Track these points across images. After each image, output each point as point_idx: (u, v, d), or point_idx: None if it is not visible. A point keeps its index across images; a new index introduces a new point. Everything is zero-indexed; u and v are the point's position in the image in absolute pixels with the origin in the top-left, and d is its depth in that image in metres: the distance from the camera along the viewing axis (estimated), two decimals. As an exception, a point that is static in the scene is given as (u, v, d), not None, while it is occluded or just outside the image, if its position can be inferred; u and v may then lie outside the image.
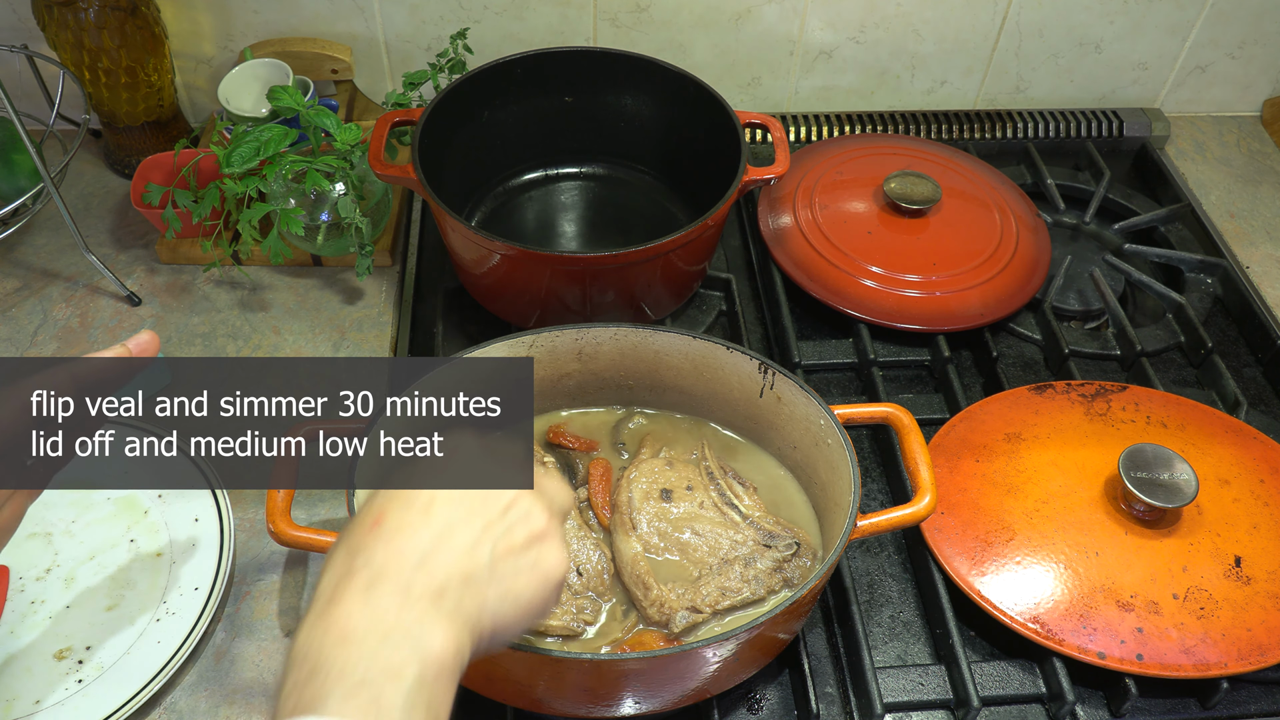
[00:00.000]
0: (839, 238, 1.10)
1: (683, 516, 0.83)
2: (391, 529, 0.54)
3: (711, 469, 0.86)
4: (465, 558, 0.54)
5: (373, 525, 0.54)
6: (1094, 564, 0.84)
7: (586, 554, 0.80)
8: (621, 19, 1.22)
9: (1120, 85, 1.35)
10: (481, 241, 0.94)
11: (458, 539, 0.54)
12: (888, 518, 0.77)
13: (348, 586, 0.51)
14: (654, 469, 0.85)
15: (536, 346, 0.86)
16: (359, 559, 0.52)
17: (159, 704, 0.79)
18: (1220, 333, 1.13)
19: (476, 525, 0.55)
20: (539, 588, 0.56)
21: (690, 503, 0.83)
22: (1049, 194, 1.24)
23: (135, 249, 1.12)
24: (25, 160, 1.08)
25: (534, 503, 0.58)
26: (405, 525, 0.54)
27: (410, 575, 0.52)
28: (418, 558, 0.52)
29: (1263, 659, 0.80)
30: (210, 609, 0.81)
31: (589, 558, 0.80)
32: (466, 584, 0.53)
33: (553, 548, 0.57)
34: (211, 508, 0.88)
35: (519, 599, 0.55)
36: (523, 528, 0.56)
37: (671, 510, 0.83)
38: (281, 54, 1.15)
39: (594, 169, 1.19)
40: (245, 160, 0.98)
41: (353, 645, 0.48)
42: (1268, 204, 1.28)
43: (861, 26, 1.25)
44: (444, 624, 0.51)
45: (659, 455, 0.87)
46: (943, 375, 1.03)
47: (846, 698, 0.82)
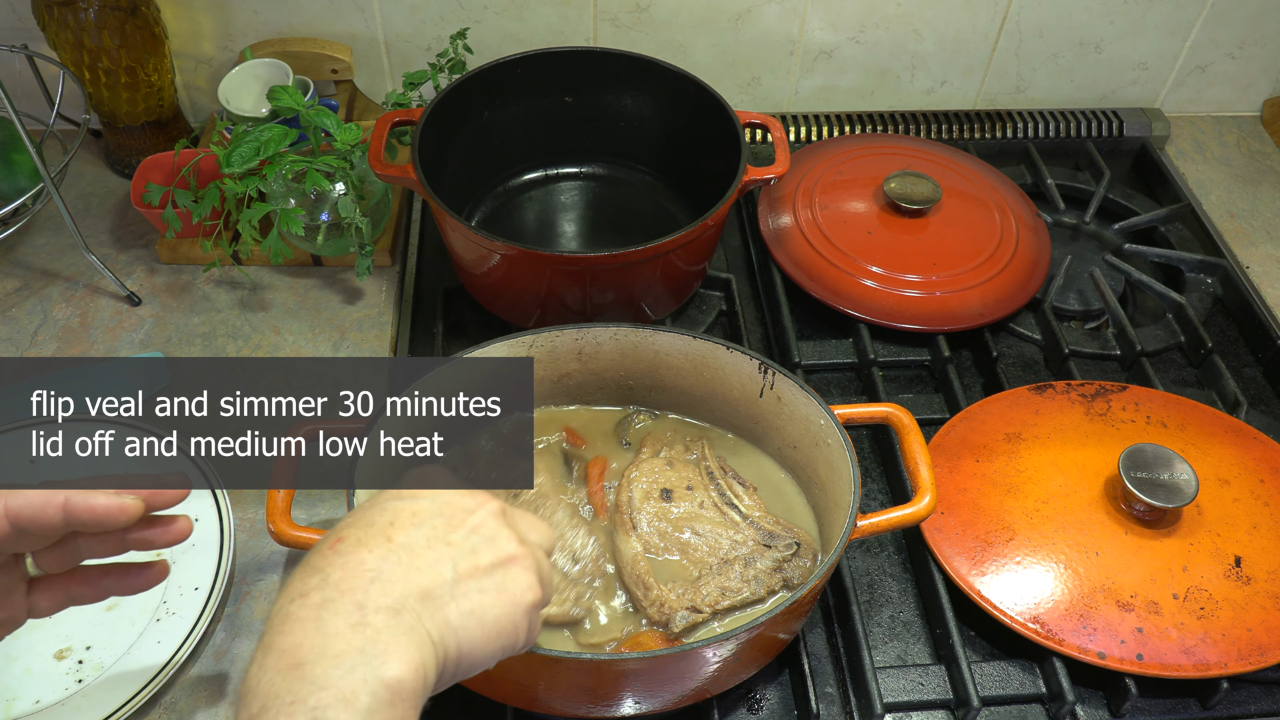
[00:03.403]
0: (839, 238, 1.10)
1: (683, 516, 0.83)
2: (349, 547, 0.52)
3: (711, 469, 0.86)
4: (424, 574, 0.52)
5: (332, 546, 0.52)
6: (1094, 564, 0.84)
7: (580, 540, 0.80)
8: (621, 19, 1.22)
9: (1120, 85, 1.35)
10: (481, 241, 0.94)
11: (419, 557, 0.52)
12: (888, 518, 0.77)
13: (300, 608, 0.49)
14: (654, 469, 0.85)
15: (536, 346, 0.86)
16: (313, 579, 0.50)
17: (159, 704, 0.79)
18: (1220, 333, 1.13)
19: (439, 545, 0.53)
20: (506, 609, 0.54)
21: (690, 502, 0.84)
22: (1049, 194, 1.24)
23: (135, 249, 1.12)
24: (25, 160, 1.08)
25: (500, 527, 0.56)
26: (363, 543, 0.52)
27: (365, 591, 0.49)
28: (373, 574, 0.50)
29: (1263, 659, 0.80)
30: (210, 609, 0.81)
31: (582, 544, 0.80)
32: (425, 600, 0.51)
33: (522, 571, 0.55)
34: (211, 508, 0.88)
35: (484, 618, 0.53)
36: (488, 550, 0.55)
37: (672, 510, 0.83)
38: (281, 54, 1.15)
39: (594, 169, 1.19)
40: (245, 160, 0.98)
41: (303, 672, 0.46)
42: (1268, 204, 1.28)
43: (861, 26, 1.25)
44: (402, 643, 0.48)
45: (659, 455, 0.87)
46: (943, 375, 1.03)
47: (846, 698, 0.82)
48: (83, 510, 0.56)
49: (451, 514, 0.56)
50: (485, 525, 0.56)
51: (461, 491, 0.58)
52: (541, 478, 0.86)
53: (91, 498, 0.56)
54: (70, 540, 0.59)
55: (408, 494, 0.57)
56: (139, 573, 0.64)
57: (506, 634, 0.54)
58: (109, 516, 0.57)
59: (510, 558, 0.55)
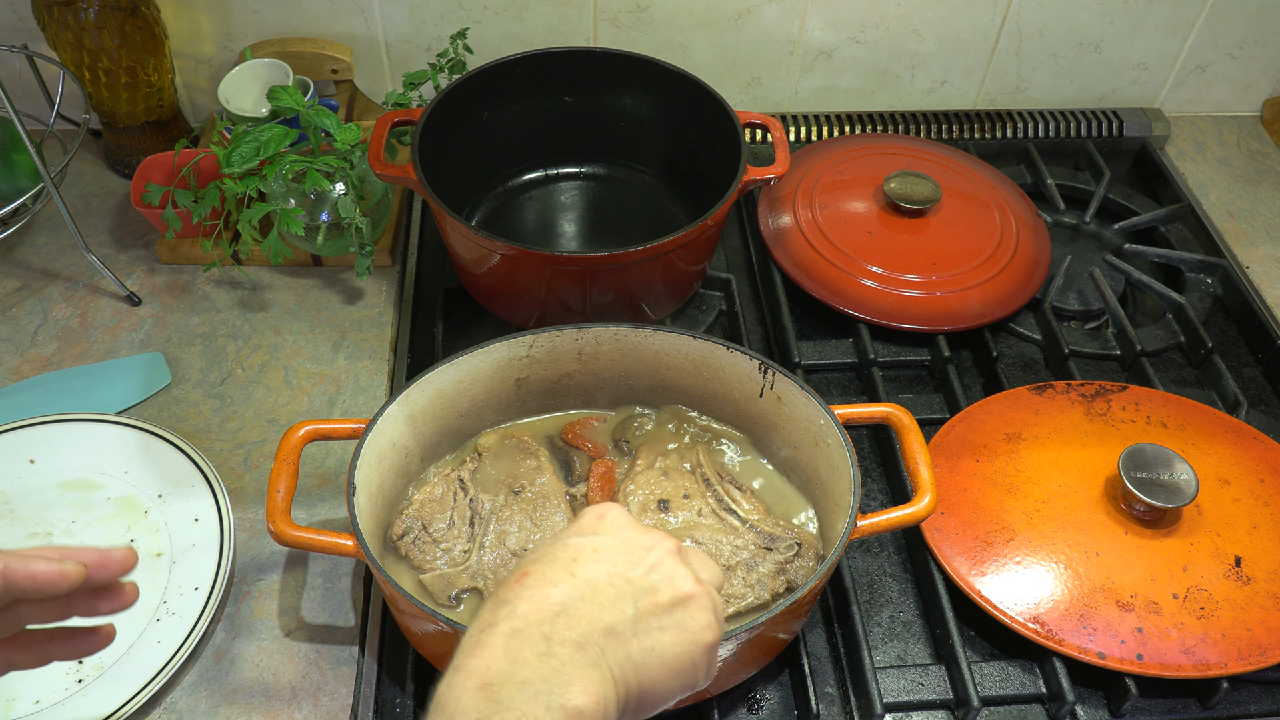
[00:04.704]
0: (839, 238, 1.10)
1: (682, 526, 0.83)
2: (535, 582, 0.54)
3: (708, 475, 0.86)
4: (608, 610, 0.53)
5: (519, 579, 0.54)
6: (1094, 564, 0.84)
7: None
8: (621, 19, 1.22)
9: (1120, 85, 1.35)
10: (481, 241, 0.94)
11: (601, 593, 0.54)
12: (888, 518, 0.77)
13: (490, 635, 0.51)
14: (650, 480, 0.85)
15: (536, 346, 0.86)
16: (503, 610, 0.52)
17: (159, 704, 0.79)
18: (1220, 333, 1.13)
19: (619, 582, 0.55)
20: (685, 646, 0.55)
21: (688, 511, 0.83)
22: (1049, 194, 1.24)
23: (135, 249, 1.12)
24: (25, 160, 1.08)
25: (678, 566, 0.58)
26: (548, 579, 0.54)
27: (551, 624, 0.51)
28: (559, 608, 0.52)
29: (1263, 659, 0.80)
30: (210, 609, 0.81)
31: None
32: (609, 636, 0.53)
33: (700, 611, 0.57)
34: (211, 508, 0.88)
35: (664, 656, 0.54)
36: (667, 588, 0.56)
37: (670, 520, 0.83)
38: (281, 54, 1.15)
39: (594, 169, 1.19)
40: (245, 160, 0.98)
41: (490, 693, 0.48)
42: (1268, 204, 1.28)
43: (861, 26, 1.25)
44: (585, 675, 0.50)
45: (654, 466, 0.87)
46: (943, 375, 1.03)
47: (846, 698, 0.82)
48: (22, 577, 0.56)
49: (631, 551, 0.57)
50: (664, 564, 0.57)
51: (639, 528, 0.59)
52: (542, 478, 0.86)
53: (31, 564, 0.56)
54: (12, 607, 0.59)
55: (588, 530, 0.58)
56: (85, 637, 0.64)
57: (685, 672, 0.56)
58: (49, 583, 0.57)
59: (688, 596, 0.56)
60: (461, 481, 0.85)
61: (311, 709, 0.79)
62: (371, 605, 0.85)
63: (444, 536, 0.81)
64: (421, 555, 0.80)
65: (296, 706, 0.79)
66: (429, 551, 0.81)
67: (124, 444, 0.92)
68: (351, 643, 0.83)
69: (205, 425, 0.97)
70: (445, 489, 0.84)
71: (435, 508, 0.83)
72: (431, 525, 0.82)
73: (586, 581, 0.54)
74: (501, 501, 0.84)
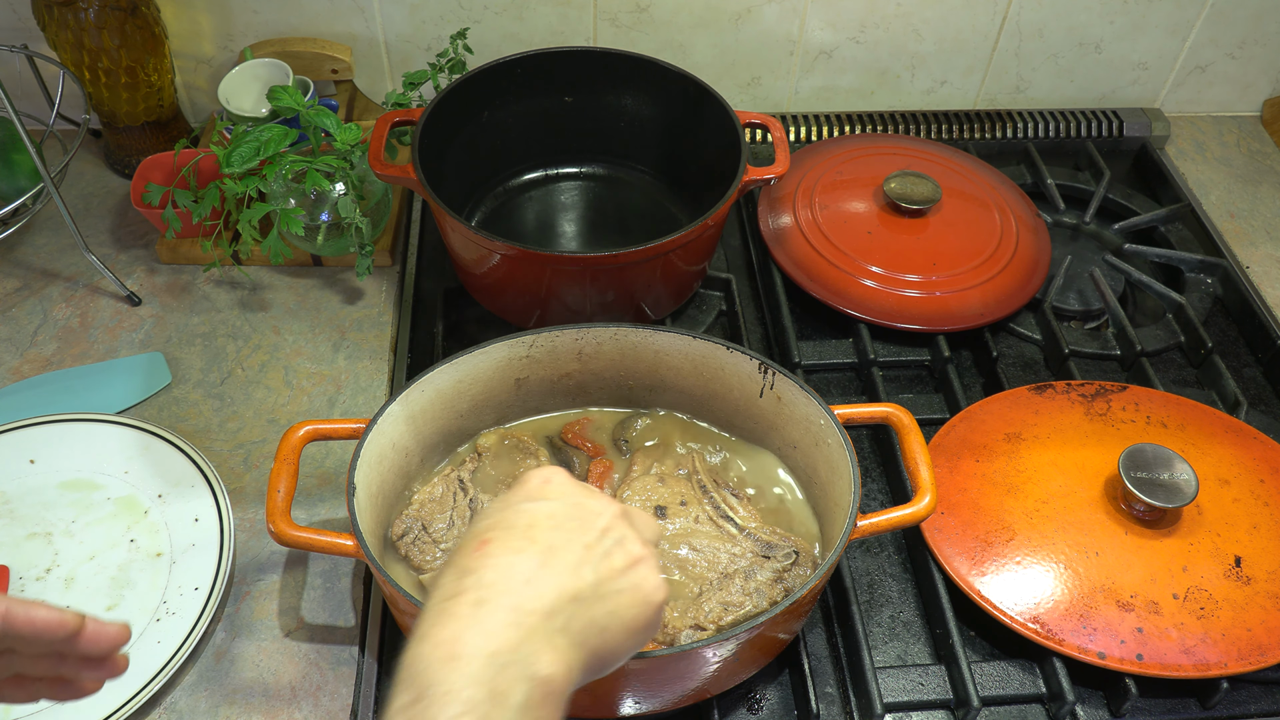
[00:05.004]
0: (839, 238, 1.10)
1: (679, 533, 0.83)
2: (497, 550, 0.54)
3: (704, 482, 0.86)
4: (571, 576, 0.54)
5: (478, 547, 0.54)
6: (1094, 564, 0.84)
7: None
8: (621, 19, 1.22)
9: (1120, 85, 1.35)
10: (481, 241, 0.94)
11: (562, 559, 0.54)
12: (888, 518, 0.77)
13: (457, 604, 0.51)
14: (646, 486, 0.85)
15: (536, 346, 0.86)
16: (468, 579, 0.52)
17: (159, 704, 0.79)
18: (1220, 333, 1.13)
19: (577, 547, 0.56)
20: (641, 608, 0.56)
21: (685, 518, 0.83)
22: (1049, 194, 1.24)
23: (135, 249, 1.12)
24: (25, 160, 1.08)
25: (628, 528, 0.58)
26: (510, 547, 0.54)
27: (519, 593, 0.52)
28: (525, 576, 0.53)
29: (1263, 659, 0.80)
30: (210, 609, 0.81)
31: None
32: (575, 602, 0.53)
33: (650, 571, 0.57)
34: (211, 508, 0.88)
35: (623, 618, 0.55)
36: (620, 551, 0.57)
37: (667, 527, 0.83)
38: (281, 54, 1.15)
39: (594, 169, 1.19)
40: (245, 160, 0.98)
41: (460, 665, 0.48)
42: (1268, 204, 1.28)
43: (861, 26, 1.25)
44: (553, 643, 0.51)
45: (650, 472, 0.86)
46: (943, 375, 1.03)
47: (846, 698, 0.82)
48: (22, 621, 0.57)
49: (584, 516, 0.58)
50: (615, 528, 0.58)
51: (586, 492, 0.60)
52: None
53: (32, 609, 0.57)
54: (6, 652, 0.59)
55: (537, 495, 0.59)
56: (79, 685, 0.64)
57: (641, 631, 0.57)
58: (48, 629, 0.57)
59: (638, 559, 0.57)
60: (461, 481, 0.85)
61: (311, 709, 0.79)
62: (371, 605, 0.85)
63: (444, 536, 0.81)
64: (421, 555, 0.80)
65: (296, 706, 0.79)
66: (429, 551, 0.81)
67: (124, 444, 0.92)
68: (351, 643, 0.83)
69: (205, 425, 0.97)
70: (445, 489, 0.84)
71: (435, 508, 0.83)
72: (431, 525, 0.82)
73: (548, 549, 0.55)
74: (501, 501, 0.84)
